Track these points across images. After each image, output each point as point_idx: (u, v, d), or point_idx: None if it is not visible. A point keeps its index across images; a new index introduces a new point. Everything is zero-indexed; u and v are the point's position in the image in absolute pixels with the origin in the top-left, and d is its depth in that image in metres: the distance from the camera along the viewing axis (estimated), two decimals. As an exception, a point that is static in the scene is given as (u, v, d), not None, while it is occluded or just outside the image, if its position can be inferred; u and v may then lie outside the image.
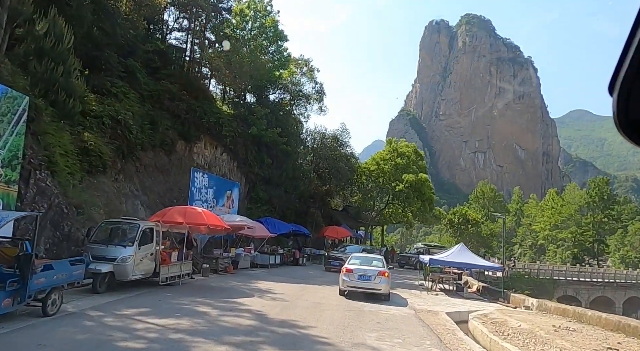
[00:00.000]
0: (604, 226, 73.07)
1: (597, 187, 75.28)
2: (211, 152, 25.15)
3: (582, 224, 74.12)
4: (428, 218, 34.74)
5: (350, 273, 13.05)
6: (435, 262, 16.56)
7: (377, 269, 13.31)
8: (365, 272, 13.10)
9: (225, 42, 27.14)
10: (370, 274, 13.04)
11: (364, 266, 13.42)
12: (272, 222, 22.26)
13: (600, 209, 73.52)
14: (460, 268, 18.86)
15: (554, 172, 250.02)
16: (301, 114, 31.83)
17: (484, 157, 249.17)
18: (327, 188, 33.12)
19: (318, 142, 31.91)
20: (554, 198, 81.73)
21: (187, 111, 23.91)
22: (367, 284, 12.91)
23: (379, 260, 14.56)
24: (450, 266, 17.53)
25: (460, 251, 17.15)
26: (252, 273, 17.65)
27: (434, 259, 16.45)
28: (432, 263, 16.57)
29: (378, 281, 12.93)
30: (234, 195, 22.19)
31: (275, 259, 21.43)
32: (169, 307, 8.89)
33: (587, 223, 73.69)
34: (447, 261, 16.15)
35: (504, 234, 33.62)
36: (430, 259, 16.38)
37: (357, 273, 13.04)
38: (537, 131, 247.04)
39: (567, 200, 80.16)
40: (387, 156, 33.90)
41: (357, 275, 12.99)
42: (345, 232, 30.46)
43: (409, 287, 18.84)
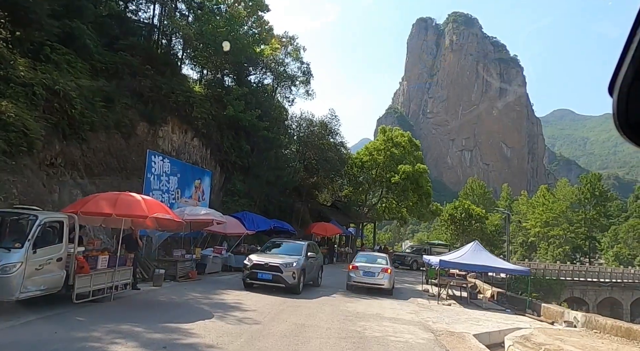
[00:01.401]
0: (596, 222, 71.99)
1: (588, 183, 74.12)
2: (180, 137, 21.62)
3: (573, 221, 72.89)
4: (425, 213, 31.80)
5: (356, 270, 14.21)
6: (448, 265, 13.53)
7: (381, 266, 14.29)
8: (370, 269, 14.14)
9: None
10: (374, 271, 14.08)
11: (368, 264, 14.41)
12: (249, 217, 18.95)
13: (592, 205, 72.39)
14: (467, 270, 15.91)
15: (539, 170, 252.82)
16: (286, 98, 28.53)
17: (471, 155, 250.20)
18: (314, 180, 29.89)
19: (305, 129, 28.62)
20: (545, 195, 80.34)
21: (151, 89, 20.42)
22: (371, 280, 14.00)
23: (382, 258, 15.34)
24: (467, 270, 14.53)
25: (475, 250, 14.17)
26: (222, 280, 14.31)
27: (446, 262, 13.41)
28: (443, 265, 13.52)
29: (381, 277, 13.96)
30: (205, 185, 18.79)
31: (253, 261, 18.13)
32: (60, 348, 5.54)
33: (578, 220, 72.47)
34: (463, 263, 13.13)
35: (508, 231, 31.07)
36: (442, 262, 13.32)
37: (362, 269, 14.14)
38: (523, 129, 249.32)
39: (558, 197, 78.87)
40: (381, 145, 30.77)
41: (362, 272, 14.10)
42: (335, 229, 27.31)
43: (413, 294, 15.76)
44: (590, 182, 73.61)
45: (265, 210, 26.03)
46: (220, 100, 22.92)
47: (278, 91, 28.28)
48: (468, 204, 41.58)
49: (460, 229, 38.57)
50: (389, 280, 13.93)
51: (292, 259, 11.98)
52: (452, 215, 39.44)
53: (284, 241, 14.64)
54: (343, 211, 33.15)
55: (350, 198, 32.31)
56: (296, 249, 12.85)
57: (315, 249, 14.58)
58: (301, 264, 12.03)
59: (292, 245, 13.40)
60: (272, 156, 23.72)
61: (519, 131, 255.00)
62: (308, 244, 13.43)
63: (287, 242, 14.20)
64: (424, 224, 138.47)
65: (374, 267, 14.07)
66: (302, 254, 12.41)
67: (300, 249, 12.71)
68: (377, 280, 13.83)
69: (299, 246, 13.11)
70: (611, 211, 77.49)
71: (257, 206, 24.67)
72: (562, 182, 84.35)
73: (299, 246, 13.00)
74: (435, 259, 15.00)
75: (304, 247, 12.87)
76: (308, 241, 14.46)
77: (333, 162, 27.83)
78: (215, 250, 15.61)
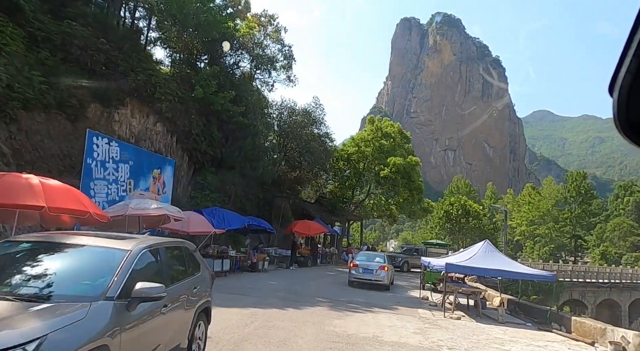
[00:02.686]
0: (581, 221, 71.63)
1: (574, 181, 73.77)
2: (140, 121, 18.70)
3: (559, 219, 72.37)
4: (416, 210, 29.50)
5: (356, 268, 15.62)
6: (456, 269, 11.15)
7: (379, 264, 15.64)
8: (368, 266, 15.51)
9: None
10: (372, 268, 15.40)
11: (367, 262, 15.78)
12: (219, 214, 16.22)
13: (578, 203, 72.00)
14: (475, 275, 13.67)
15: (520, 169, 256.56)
16: (265, 83, 25.78)
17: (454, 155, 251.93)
18: (296, 174, 27.28)
19: (286, 118, 25.96)
20: (531, 193, 79.75)
21: (105, 65, 17.59)
22: (370, 277, 15.29)
23: (381, 257, 16.77)
24: (479, 275, 12.20)
25: (486, 252, 11.86)
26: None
27: (454, 265, 11.02)
28: (450, 269, 11.13)
29: (379, 274, 15.27)
30: (166, 176, 15.97)
31: (224, 265, 15.43)
32: None
33: (564, 218, 71.96)
34: (475, 268, 10.76)
35: (505, 229, 29.14)
36: (448, 265, 10.92)
37: (361, 267, 15.49)
38: (505, 130, 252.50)
39: (544, 195, 78.35)
40: (369, 136, 28.32)
41: (361, 269, 15.44)
42: (319, 228, 24.77)
43: (411, 303, 13.36)
44: (575, 180, 73.21)
45: (241, 207, 23.31)
46: (189, 81, 20.07)
47: (257, 75, 25.53)
48: (464, 200, 39.15)
49: (457, 227, 36.27)
50: (386, 277, 15.47)
51: None
52: (448, 212, 37.08)
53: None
54: (328, 208, 30.63)
55: (336, 194, 29.76)
56: None
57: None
58: None
59: None
60: (249, 146, 21.00)
61: (501, 131, 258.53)
62: None
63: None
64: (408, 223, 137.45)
65: (372, 265, 15.56)
66: None
67: None
68: (375, 277, 15.31)
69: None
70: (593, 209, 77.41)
71: (232, 201, 21.92)
72: (548, 180, 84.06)
73: None
74: (438, 262, 12.62)
75: None
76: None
77: (317, 154, 25.26)
78: (173, 253, 12.84)
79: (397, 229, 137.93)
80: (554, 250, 71.57)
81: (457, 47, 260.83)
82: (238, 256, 17.85)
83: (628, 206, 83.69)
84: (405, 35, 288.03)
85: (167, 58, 23.74)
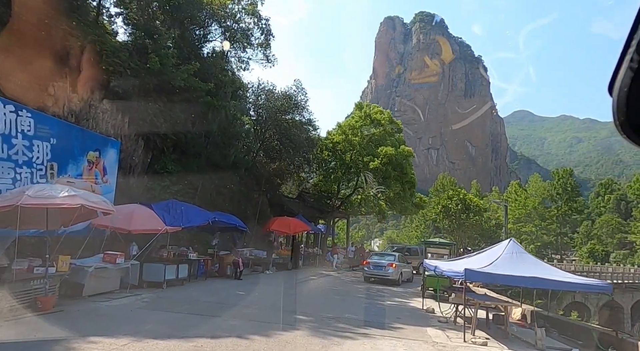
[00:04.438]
0: (567, 218, 71.05)
1: (560, 178, 73.16)
2: (83, 97, 15.42)
3: (545, 217, 71.58)
4: (408, 206, 26.80)
5: (368, 265, 18.45)
6: (479, 277, 8.44)
7: (387, 262, 18.14)
8: (379, 264, 18.15)
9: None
10: (382, 265, 17.98)
11: (378, 260, 18.50)
12: (176, 208, 13.14)
13: (564, 201, 71.35)
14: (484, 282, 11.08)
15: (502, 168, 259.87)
16: (239, 60, 22.66)
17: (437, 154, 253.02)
18: (276, 166, 24.27)
19: (264, 101, 22.92)
20: (517, 191, 78.74)
21: (37, 27, 14.34)
22: (380, 273, 17.85)
23: (391, 256, 19.08)
24: (516, 285, 9.54)
25: (513, 253, 9.22)
26: (108, 308, 8.48)
27: (475, 273, 8.28)
28: (471, 277, 8.40)
29: (388, 270, 17.74)
30: (108, 161, 12.77)
31: (180, 271, 12.36)
32: None
33: (551, 215, 71.20)
34: (506, 276, 8.05)
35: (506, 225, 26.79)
36: (469, 272, 8.18)
37: (372, 265, 18.28)
38: (487, 129, 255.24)
39: (530, 192, 77.47)
40: (357, 123, 25.49)
41: (372, 266, 18.20)
42: (301, 225, 21.85)
43: (416, 318, 10.59)
44: (562, 177, 72.57)
45: (211, 201, 20.20)
46: (144, 50, 16.82)
47: (230, 51, 22.37)
48: (464, 194, 36.48)
49: (456, 223, 33.55)
50: (394, 273, 17.56)
51: None
52: (446, 207, 34.31)
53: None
54: (311, 204, 27.73)
55: (320, 188, 26.87)
56: None
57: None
58: None
59: None
60: (218, 130, 17.91)
61: (484, 130, 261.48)
62: None
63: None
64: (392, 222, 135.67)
65: (382, 262, 17.85)
66: None
67: None
68: (384, 273, 17.50)
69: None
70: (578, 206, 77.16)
71: (199, 195, 18.80)
72: (534, 177, 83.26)
73: None
74: (449, 267, 9.91)
75: None
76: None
77: (299, 143, 22.31)
78: (106, 257, 9.73)
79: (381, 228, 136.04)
80: (540, 248, 70.88)
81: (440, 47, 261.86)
82: (202, 259, 14.78)
83: (609, 203, 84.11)
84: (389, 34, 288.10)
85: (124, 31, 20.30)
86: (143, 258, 11.63)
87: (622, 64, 0.89)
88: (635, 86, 0.88)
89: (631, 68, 0.88)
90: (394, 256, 18.42)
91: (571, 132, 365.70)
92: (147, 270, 11.38)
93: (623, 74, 0.89)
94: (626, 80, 0.89)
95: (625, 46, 0.88)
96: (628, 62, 0.88)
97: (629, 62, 0.87)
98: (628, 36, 0.88)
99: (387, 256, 18.69)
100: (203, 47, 20.55)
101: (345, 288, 15.99)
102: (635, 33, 0.86)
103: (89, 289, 8.79)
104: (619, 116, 0.93)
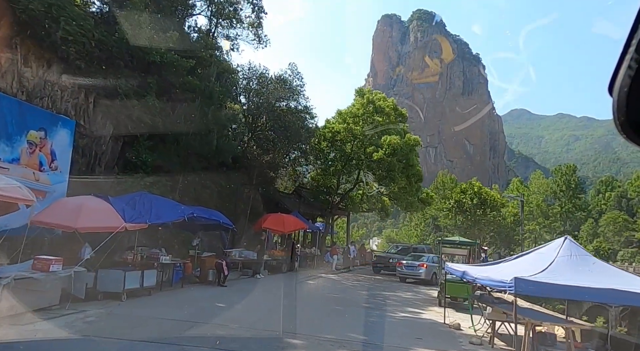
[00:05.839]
0: (571, 216, 69.35)
1: (563, 175, 71.43)
2: (38, 72, 13.07)
3: (548, 215, 69.84)
4: (414, 202, 24.50)
5: (401, 265, 19.62)
6: (536, 289, 6.21)
7: (419, 262, 19.35)
8: (411, 264, 19.43)
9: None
10: (414, 266, 19.17)
11: (410, 261, 19.68)
12: (145, 201, 10.85)
13: (568, 198, 69.62)
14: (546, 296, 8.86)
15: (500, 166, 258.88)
16: (227, 38, 20.34)
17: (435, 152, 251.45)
18: (269, 158, 21.97)
19: (255, 85, 20.61)
20: (519, 188, 76.85)
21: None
22: (412, 272, 19.17)
23: (424, 256, 20.38)
24: (591, 300, 7.35)
25: (572, 256, 7.03)
26: (12, 335, 6.17)
27: (530, 283, 6.07)
28: (522, 289, 6.18)
29: (419, 270, 18.91)
30: (58, 145, 10.48)
31: (148, 279, 10.06)
32: None
33: (554, 213, 69.46)
34: (579, 288, 5.86)
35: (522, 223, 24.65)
36: (519, 282, 5.98)
37: (405, 266, 19.46)
38: (485, 127, 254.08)
39: (533, 190, 75.65)
40: (359, 110, 23.20)
41: (405, 267, 19.39)
42: (297, 223, 19.60)
43: (439, 339, 8.37)
44: (565, 174, 70.84)
45: (195, 196, 17.92)
46: (114, 21, 14.47)
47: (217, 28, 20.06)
48: (479, 187, 33.81)
49: (472, 220, 30.94)
50: (425, 272, 18.54)
51: None
52: (460, 202, 31.66)
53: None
54: (308, 200, 25.47)
55: (318, 183, 24.56)
56: None
57: None
58: None
59: None
60: (202, 115, 15.61)
61: (481, 129, 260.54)
62: None
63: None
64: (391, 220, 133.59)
65: (414, 263, 19.00)
66: None
67: None
68: (416, 272, 18.80)
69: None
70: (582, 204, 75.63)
71: (181, 188, 16.51)
72: (536, 174, 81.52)
73: None
74: (484, 273, 7.71)
75: None
76: None
77: (294, 131, 20.03)
78: (37, 264, 7.42)
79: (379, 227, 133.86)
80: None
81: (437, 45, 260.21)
82: (179, 263, 12.50)
83: (610, 201, 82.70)
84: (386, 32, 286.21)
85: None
86: (99, 263, 9.35)
87: (622, 64, 0.88)
88: (635, 86, 0.88)
89: (631, 68, 0.87)
90: (427, 258, 19.03)
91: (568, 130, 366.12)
92: (103, 278, 9.11)
93: (623, 74, 0.88)
94: (626, 80, 0.88)
95: (625, 46, 0.88)
96: (628, 62, 0.87)
97: (629, 61, 0.87)
98: (628, 36, 0.87)
99: (419, 258, 19.72)
100: (185, 22, 18.24)
101: (347, 295, 13.77)
102: (635, 33, 0.85)
103: (5, 308, 6.49)
104: (618, 116, 0.92)
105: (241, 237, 20.26)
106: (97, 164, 13.90)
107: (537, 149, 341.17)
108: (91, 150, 13.63)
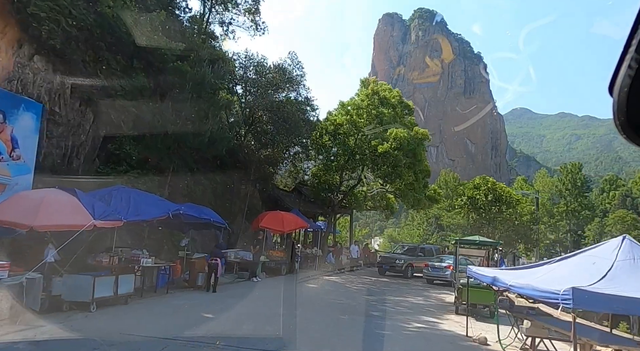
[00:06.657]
0: (577, 214, 68.07)
1: (569, 173, 70.16)
2: (10, 55, 11.74)
3: (554, 213, 68.57)
4: (421, 199, 22.99)
5: (427, 267, 19.87)
6: (603, 304, 4.88)
7: (444, 265, 19.53)
8: (436, 266, 19.67)
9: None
10: (440, 268, 19.44)
11: (437, 263, 19.85)
12: (122, 196, 9.52)
13: (574, 196, 68.34)
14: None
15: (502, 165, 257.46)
16: (222, 24, 19.00)
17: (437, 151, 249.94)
18: (268, 153, 20.62)
19: (252, 74, 19.25)
20: (523, 187, 75.51)
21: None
22: (437, 274, 19.45)
23: (449, 259, 19.93)
24: None
25: (635, 259, 5.66)
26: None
27: (594, 295, 4.72)
28: (582, 302, 4.84)
29: (444, 272, 19.15)
30: (22, 131, 9.14)
31: (123, 285, 8.71)
32: None
33: (560, 212, 68.19)
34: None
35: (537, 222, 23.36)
36: (577, 293, 4.64)
37: (431, 267, 19.69)
38: (487, 126, 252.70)
39: (537, 188, 74.35)
40: (363, 102, 21.77)
41: (431, 269, 19.64)
42: (297, 221, 18.24)
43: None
44: (571, 172, 69.60)
45: (188, 193, 16.63)
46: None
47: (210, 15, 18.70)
48: (493, 182, 32.24)
49: (486, 218, 29.33)
50: (450, 274, 18.35)
51: None
52: (473, 198, 30.07)
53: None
54: (310, 198, 24.10)
55: (320, 179, 23.17)
56: None
57: None
58: None
59: None
60: (189, 102, 14.24)
61: (483, 128, 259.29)
62: None
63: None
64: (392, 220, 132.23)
65: (439, 265, 19.54)
66: None
67: None
68: (441, 274, 19.30)
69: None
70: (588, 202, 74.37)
71: (171, 184, 15.16)
72: (541, 172, 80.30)
73: None
74: (523, 280, 6.36)
75: None
76: None
77: (294, 124, 18.66)
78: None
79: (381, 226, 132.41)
80: (549, 246, 68.07)
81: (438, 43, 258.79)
82: (164, 266, 11.13)
83: (614, 199, 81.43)
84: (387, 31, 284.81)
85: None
86: (65, 267, 7.99)
87: (622, 64, 0.88)
88: (635, 86, 0.87)
89: (631, 68, 0.87)
90: (451, 259, 18.94)
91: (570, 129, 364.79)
92: (69, 285, 7.75)
93: (623, 74, 0.88)
94: (626, 80, 0.88)
95: (625, 46, 0.87)
96: (628, 62, 0.87)
97: (629, 61, 0.86)
98: (628, 36, 0.87)
99: (445, 260, 19.92)
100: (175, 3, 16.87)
101: (353, 302, 12.41)
102: (635, 33, 0.85)
103: None
104: (619, 116, 0.92)
105: (238, 237, 18.93)
106: (74, 156, 12.54)
107: (538, 148, 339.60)
108: (67, 140, 12.27)
